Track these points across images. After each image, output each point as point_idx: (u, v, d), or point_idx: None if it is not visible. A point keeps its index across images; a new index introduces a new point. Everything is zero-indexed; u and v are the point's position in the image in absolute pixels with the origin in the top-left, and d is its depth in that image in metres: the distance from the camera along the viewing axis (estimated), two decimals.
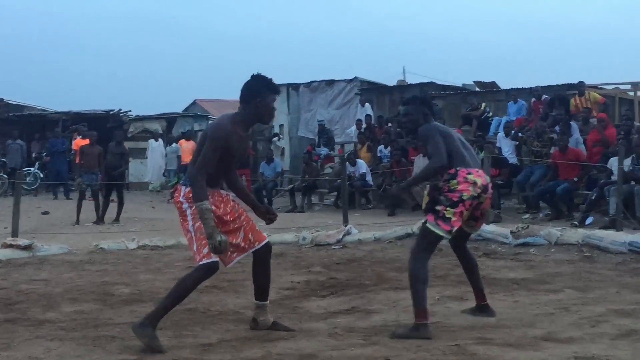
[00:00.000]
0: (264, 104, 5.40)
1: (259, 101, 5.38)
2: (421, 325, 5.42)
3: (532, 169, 14.56)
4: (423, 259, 5.61)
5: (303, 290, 7.53)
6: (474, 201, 5.60)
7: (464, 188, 5.54)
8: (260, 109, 5.41)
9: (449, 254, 9.37)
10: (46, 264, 9.62)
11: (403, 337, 5.38)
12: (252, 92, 5.39)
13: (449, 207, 5.52)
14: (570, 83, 18.83)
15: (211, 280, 7.99)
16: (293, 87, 25.82)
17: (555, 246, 9.49)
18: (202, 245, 5.24)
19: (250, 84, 5.42)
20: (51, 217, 16.42)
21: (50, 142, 23.34)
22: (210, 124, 5.44)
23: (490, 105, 19.94)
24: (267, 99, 5.41)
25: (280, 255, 9.92)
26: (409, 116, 5.98)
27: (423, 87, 22.67)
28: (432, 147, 5.66)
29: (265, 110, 5.44)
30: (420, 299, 5.49)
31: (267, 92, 5.41)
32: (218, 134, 5.27)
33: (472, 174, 5.61)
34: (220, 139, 5.25)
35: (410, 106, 6.00)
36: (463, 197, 5.53)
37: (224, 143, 5.26)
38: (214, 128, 5.38)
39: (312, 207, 18.49)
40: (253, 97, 5.38)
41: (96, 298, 7.32)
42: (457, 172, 5.59)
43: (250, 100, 5.39)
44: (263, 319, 5.72)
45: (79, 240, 11.77)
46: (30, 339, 5.67)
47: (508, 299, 6.66)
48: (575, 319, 5.77)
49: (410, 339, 5.30)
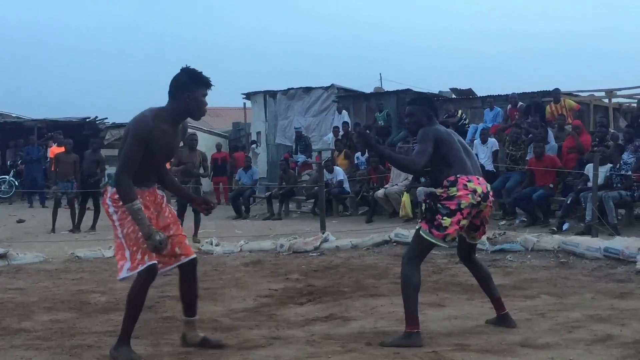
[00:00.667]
0: (193, 99, 5.07)
1: (189, 95, 5.05)
2: (413, 334, 5.37)
3: (508, 176, 14.65)
4: (415, 265, 5.55)
5: (280, 297, 7.52)
6: (473, 209, 5.50)
7: (462, 196, 5.45)
8: (189, 104, 5.08)
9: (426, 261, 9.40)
10: (21, 273, 9.54)
11: (394, 345, 5.33)
12: (181, 86, 5.06)
13: (445, 217, 5.44)
14: (546, 90, 18.97)
15: None
16: (270, 94, 25.83)
17: (531, 252, 9.54)
18: (134, 252, 4.99)
19: (180, 77, 5.09)
20: (26, 226, 16.30)
21: (25, 149, 23.17)
22: (131, 119, 5.06)
23: (466, 112, 20.04)
24: (196, 93, 5.08)
25: (257, 263, 9.92)
26: (412, 117, 5.84)
27: (400, 94, 22.71)
28: (419, 150, 5.57)
29: (195, 105, 5.10)
30: (411, 305, 5.44)
31: (197, 86, 5.08)
32: (139, 130, 4.95)
33: (472, 182, 5.52)
34: (141, 135, 4.93)
35: (414, 106, 5.88)
36: (461, 205, 5.44)
37: (146, 139, 4.93)
38: (135, 123, 5.01)
39: (289, 214, 18.48)
40: (182, 91, 5.05)
41: (72, 307, 7.27)
42: (457, 180, 5.49)
43: (179, 95, 5.06)
44: (192, 335, 5.46)
45: (54, 249, 11.69)
46: (5, 348, 5.62)
47: (485, 305, 6.67)
48: (552, 325, 5.80)
49: (401, 347, 5.26)
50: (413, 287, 5.46)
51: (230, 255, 10.76)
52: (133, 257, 5.00)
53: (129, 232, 5.01)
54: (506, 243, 9.86)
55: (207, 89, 5.17)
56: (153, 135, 4.97)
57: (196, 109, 5.15)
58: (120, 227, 5.04)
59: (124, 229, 5.02)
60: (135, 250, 5.00)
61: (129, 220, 4.99)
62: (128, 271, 5.03)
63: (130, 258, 5.01)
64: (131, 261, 5.00)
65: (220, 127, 32.63)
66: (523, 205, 13.84)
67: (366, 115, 22.67)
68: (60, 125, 26.44)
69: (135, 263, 5.00)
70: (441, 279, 8.18)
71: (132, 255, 5.00)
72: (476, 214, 5.57)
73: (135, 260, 5.00)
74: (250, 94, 26.74)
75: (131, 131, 4.99)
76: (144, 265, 4.98)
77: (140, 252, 4.99)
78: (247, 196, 19.04)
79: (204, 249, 11.07)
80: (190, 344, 5.43)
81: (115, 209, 5.05)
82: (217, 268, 9.62)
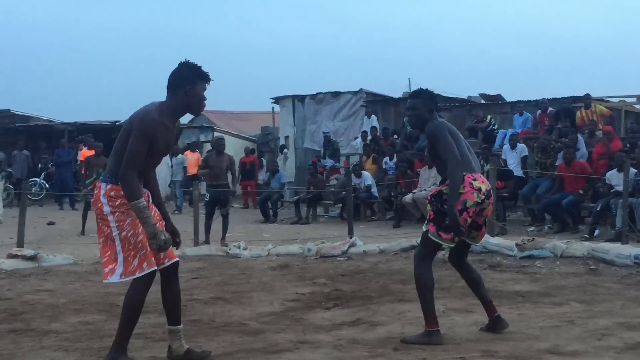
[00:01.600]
0: (194, 93, 4.98)
1: (189, 89, 4.96)
2: (433, 332, 5.46)
3: (538, 182, 14.55)
4: (426, 265, 5.60)
5: (308, 301, 7.52)
6: (477, 208, 5.54)
7: (468, 195, 5.47)
8: (190, 98, 4.99)
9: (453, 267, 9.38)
10: (51, 275, 9.63)
11: (414, 342, 5.41)
12: (182, 80, 4.97)
13: None
14: (576, 95, 18.83)
15: (216, 292, 8.06)
16: (299, 98, 25.87)
17: (560, 259, 9.47)
18: (130, 257, 4.85)
19: (180, 71, 5.00)
20: (56, 228, 16.45)
21: (56, 152, 23.38)
22: (135, 114, 4.93)
23: (495, 117, 19.94)
24: (197, 87, 4.99)
25: (285, 267, 9.94)
26: (415, 110, 5.80)
27: None
28: (446, 149, 5.50)
29: (195, 99, 5.01)
30: (428, 305, 5.50)
31: (197, 80, 5.00)
32: (147, 124, 4.83)
33: (477, 180, 5.56)
34: (148, 130, 4.82)
35: (416, 100, 5.83)
36: (467, 204, 5.47)
37: (152, 134, 4.84)
38: (141, 118, 4.87)
39: (317, 218, 18.49)
40: (182, 85, 4.96)
41: (101, 309, 7.32)
42: (463, 178, 5.50)
43: (179, 89, 4.96)
44: (176, 345, 5.20)
45: (84, 251, 11.77)
46: (35, 349, 5.68)
47: (513, 311, 6.65)
48: (581, 332, 5.75)
49: (421, 344, 5.33)
50: (428, 287, 5.52)
51: (258, 259, 10.78)
52: (127, 262, 4.86)
53: (127, 236, 4.88)
54: (535, 249, 9.78)
55: (207, 83, 5.08)
56: (158, 131, 4.89)
57: (196, 104, 5.08)
58: (117, 230, 4.87)
59: (122, 232, 4.87)
60: (132, 255, 4.87)
61: (128, 222, 4.88)
62: (121, 276, 4.88)
63: (123, 263, 4.86)
64: (124, 266, 4.87)
65: (248, 131, 32.77)
66: (552, 212, 13.74)
67: (394, 120, 22.64)
68: (91, 128, 26.66)
69: (129, 269, 4.87)
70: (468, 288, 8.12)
71: (125, 260, 4.86)
72: (479, 212, 5.60)
73: (129, 266, 4.86)
74: (278, 98, 26.80)
75: (137, 126, 4.85)
76: (142, 272, 4.88)
77: (137, 259, 4.87)
78: (275, 200, 19.07)
79: (231, 253, 11.10)
80: (174, 356, 5.20)
81: (111, 209, 4.88)
82: (245, 272, 9.65)
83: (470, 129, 19.45)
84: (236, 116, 41.62)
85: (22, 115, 29.76)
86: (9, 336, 6.12)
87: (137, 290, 4.96)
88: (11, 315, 7.05)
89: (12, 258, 10.32)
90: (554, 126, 16.82)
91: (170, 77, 5.04)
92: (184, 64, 5.04)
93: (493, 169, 12.62)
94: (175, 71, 5.03)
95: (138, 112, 4.95)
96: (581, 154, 14.68)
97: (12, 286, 8.77)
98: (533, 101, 19.68)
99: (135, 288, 4.95)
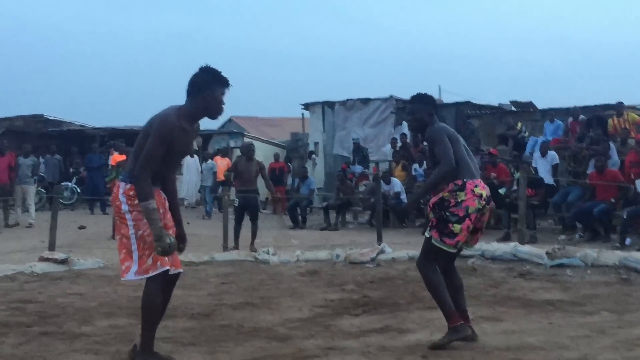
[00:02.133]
0: (213, 97, 5.05)
1: (208, 94, 5.03)
2: (457, 327, 5.50)
3: (569, 190, 14.44)
4: (431, 266, 5.70)
5: (336, 308, 7.51)
6: (478, 213, 5.63)
7: (470, 201, 5.56)
8: (209, 102, 5.06)
9: (484, 274, 9.35)
10: (82, 278, 9.70)
11: (445, 343, 5.48)
12: (201, 84, 5.04)
13: (455, 224, 5.55)
14: (609, 103, 18.65)
15: (245, 297, 8.08)
16: (328, 105, 25.89)
17: (591, 268, 9.38)
18: (144, 256, 4.94)
19: (199, 76, 5.07)
20: (87, 232, 16.58)
21: (87, 157, 23.59)
22: (155, 117, 5.01)
23: (526, 125, 19.82)
24: (216, 92, 5.06)
25: (313, 273, 9.93)
26: (415, 115, 5.87)
27: (459, 106, 22.60)
28: (441, 150, 5.59)
29: (214, 103, 5.08)
30: (445, 304, 5.58)
31: (216, 84, 5.06)
32: (165, 127, 4.91)
33: (478, 186, 5.64)
34: (167, 133, 4.91)
35: (416, 105, 5.90)
36: (469, 210, 5.56)
37: (170, 137, 4.92)
38: (160, 121, 4.95)
39: (346, 225, 18.48)
40: (202, 90, 5.02)
41: (131, 313, 7.36)
42: (465, 184, 5.59)
43: (199, 93, 5.03)
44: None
45: (114, 255, 11.75)
46: (65, 352, 5.73)
47: (543, 320, 6.60)
48: (612, 342, 5.70)
49: (451, 342, 5.42)
50: (438, 287, 5.62)
51: (287, 265, 10.79)
52: (141, 260, 4.95)
53: (143, 235, 4.96)
54: (565, 258, 9.70)
55: (226, 88, 5.13)
56: (176, 134, 4.96)
57: (214, 108, 5.12)
58: (134, 228, 4.96)
59: (138, 231, 4.96)
60: (147, 254, 4.95)
61: (145, 222, 4.94)
62: (136, 274, 4.99)
63: (137, 261, 4.96)
64: (139, 264, 4.96)
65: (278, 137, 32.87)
66: (583, 220, 13.62)
67: None
68: (122, 133, 26.87)
69: (143, 267, 4.95)
70: (498, 293, 8.09)
71: (140, 258, 4.95)
72: (479, 217, 5.69)
73: (143, 264, 4.95)
74: (308, 104, 26.83)
75: (156, 129, 4.93)
76: (156, 271, 4.95)
77: (151, 258, 4.95)
78: (304, 206, 19.09)
79: (260, 258, 11.12)
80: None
81: (129, 208, 4.97)
82: (274, 277, 9.66)
83: (501, 136, 19.36)
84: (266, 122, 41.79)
85: (55, 120, 30.09)
86: (40, 339, 6.18)
87: (151, 290, 5.03)
88: (42, 318, 7.12)
89: (43, 261, 10.41)
90: (585, 134, 16.68)
91: (190, 82, 5.10)
92: (203, 68, 5.11)
93: (523, 176, 12.53)
94: (194, 76, 5.10)
95: (157, 115, 5.03)
96: (613, 162, 14.55)
97: (44, 289, 8.85)
98: (565, 109, 19.52)
99: (149, 288, 5.03)
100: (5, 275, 9.65)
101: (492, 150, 17.69)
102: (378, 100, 24.66)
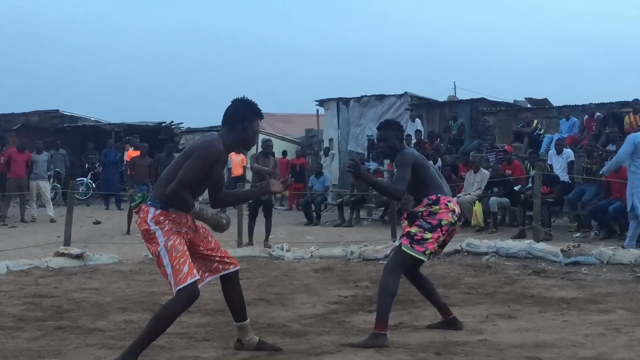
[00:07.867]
0: (251, 129, 5.23)
1: (247, 126, 5.20)
2: (379, 335, 5.65)
3: (584, 187, 14.37)
4: (395, 274, 5.85)
5: (350, 304, 7.52)
6: (450, 228, 5.89)
7: (444, 214, 5.85)
8: (247, 134, 5.23)
9: (498, 272, 9.33)
10: (97, 273, 9.75)
11: (360, 345, 5.59)
12: (240, 116, 5.20)
13: (427, 231, 5.80)
14: (625, 100, 18.52)
15: (259, 293, 8.09)
16: (343, 101, 25.88)
17: (606, 266, 9.34)
18: (179, 264, 4.96)
19: (237, 108, 5.24)
20: (102, 227, 16.65)
21: (103, 153, 23.67)
22: (200, 141, 5.16)
23: (542, 122, 19.71)
24: (253, 124, 5.25)
25: (327, 269, 9.94)
26: (387, 141, 6.10)
27: (474, 102, 22.52)
28: (400, 176, 5.86)
29: (251, 135, 5.27)
30: (385, 311, 5.74)
31: (254, 116, 5.25)
32: (209, 152, 5.02)
33: (451, 202, 5.97)
34: (211, 158, 5.02)
35: (386, 131, 6.15)
36: (442, 222, 5.84)
37: (212, 163, 5.05)
38: (206, 145, 5.05)
39: (360, 221, 18.46)
40: (241, 121, 5.19)
41: (145, 308, 7.40)
42: (439, 199, 5.90)
43: (238, 125, 5.19)
44: (248, 339, 5.53)
45: (129, 250, 11.91)
46: (80, 347, 5.76)
47: (558, 318, 6.58)
48: (627, 340, 5.67)
49: (368, 347, 5.51)
50: (390, 293, 5.77)
51: (301, 261, 10.81)
52: (176, 271, 4.95)
53: (175, 245, 5.01)
54: (580, 255, 9.67)
55: (260, 120, 5.34)
56: (218, 161, 5.12)
57: (251, 139, 5.32)
58: (165, 242, 5.00)
59: (169, 242, 5.00)
60: (181, 263, 4.96)
61: (175, 232, 5.04)
62: (175, 286, 4.96)
63: (173, 274, 4.96)
64: (174, 277, 4.95)
65: (293, 133, 32.85)
66: (599, 218, 13.54)
67: (439, 124, 22.52)
68: (137, 129, 26.93)
69: (179, 277, 4.94)
70: (513, 291, 8.07)
71: (174, 269, 4.95)
72: (450, 232, 5.96)
73: (179, 274, 4.94)
74: (323, 100, 26.82)
75: (200, 152, 5.01)
76: (184, 284, 4.93)
77: (187, 265, 4.97)
78: (318, 203, 19.10)
79: (274, 255, 11.14)
80: (247, 348, 5.54)
81: (158, 227, 5.03)
82: (288, 274, 9.67)
83: (516, 133, 19.26)
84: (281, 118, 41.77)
85: (71, 116, 30.19)
86: (55, 333, 6.22)
87: (178, 303, 4.97)
88: (57, 312, 7.16)
89: (59, 256, 10.47)
90: (601, 131, 16.58)
91: (227, 113, 5.26)
92: (241, 100, 5.28)
93: (539, 174, 12.48)
94: (232, 107, 5.26)
95: (202, 140, 5.15)
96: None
97: (59, 284, 8.91)
98: (580, 106, 19.42)
99: (177, 300, 4.96)
100: (21, 269, 9.72)
101: (507, 148, 17.62)
102: (393, 96, 24.63)
